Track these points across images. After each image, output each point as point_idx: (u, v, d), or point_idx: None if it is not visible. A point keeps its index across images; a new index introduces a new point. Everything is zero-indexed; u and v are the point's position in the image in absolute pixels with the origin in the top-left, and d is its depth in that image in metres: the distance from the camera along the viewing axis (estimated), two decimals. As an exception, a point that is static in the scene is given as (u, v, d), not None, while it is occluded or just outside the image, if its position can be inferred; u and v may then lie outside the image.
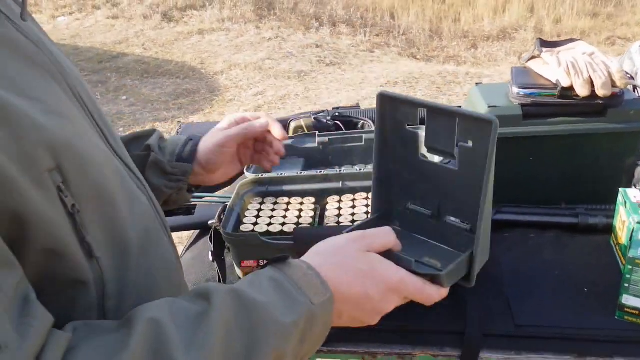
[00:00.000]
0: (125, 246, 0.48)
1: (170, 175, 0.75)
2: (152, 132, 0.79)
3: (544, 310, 0.79)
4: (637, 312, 0.75)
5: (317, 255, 0.53)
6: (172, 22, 5.13)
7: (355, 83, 4.06)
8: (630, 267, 0.73)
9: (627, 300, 0.75)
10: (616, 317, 0.76)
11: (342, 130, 1.19)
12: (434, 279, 0.57)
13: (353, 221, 0.84)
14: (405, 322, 0.79)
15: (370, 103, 3.60)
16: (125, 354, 0.39)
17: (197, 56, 4.47)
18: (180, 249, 1.12)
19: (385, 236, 0.56)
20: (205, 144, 0.78)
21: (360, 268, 0.52)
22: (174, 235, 0.71)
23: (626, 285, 0.74)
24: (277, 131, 0.78)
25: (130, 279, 0.48)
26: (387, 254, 0.55)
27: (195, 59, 4.41)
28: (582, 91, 0.91)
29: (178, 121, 3.66)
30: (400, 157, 0.68)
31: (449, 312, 0.79)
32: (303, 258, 0.53)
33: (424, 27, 5.26)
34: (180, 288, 0.60)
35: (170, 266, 0.57)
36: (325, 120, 1.23)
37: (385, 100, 0.65)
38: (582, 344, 0.75)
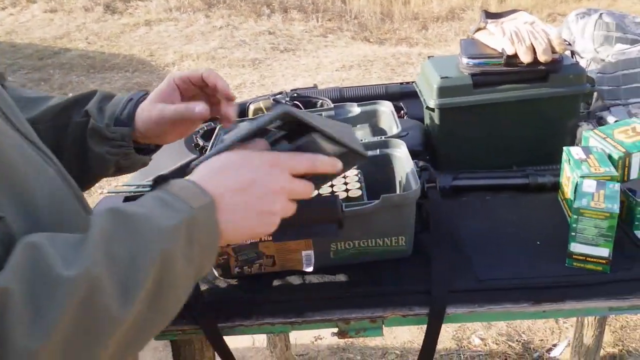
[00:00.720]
0: (32, 207, 0.49)
1: (111, 140, 0.72)
2: (93, 94, 0.75)
3: (501, 265, 0.84)
4: (584, 258, 0.81)
5: (194, 171, 0.55)
6: (116, 14, 4.98)
7: (311, 68, 4.07)
8: (576, 216, 0.79)
9: (575, 247, 0.81)
10: (566, 265, 0.83)
11: (302, 109, 1.21)
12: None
13: (319, 194, 0.87)
14: (375, 287, 0.83)
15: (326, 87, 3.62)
16: (4, 273, 0.40)
17: (145, 48, 4.36)
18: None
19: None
20: (143, 114, 0.73)
21: (236, 160, 0.54)
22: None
23: (573, 234, 0.80)
24: (224, 92, 0.73)
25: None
26: None
27: (144, 51, 4.31)
28: (525, 58, 0.97)
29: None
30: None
31: (415, 274, 0.84)
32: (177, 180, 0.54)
33: (375, 10, 5.32)
34: None
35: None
36: (284, 101, 1.25)
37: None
38: (536, 291, 0.81)
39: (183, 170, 1.23)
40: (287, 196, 0.56)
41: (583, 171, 0.85)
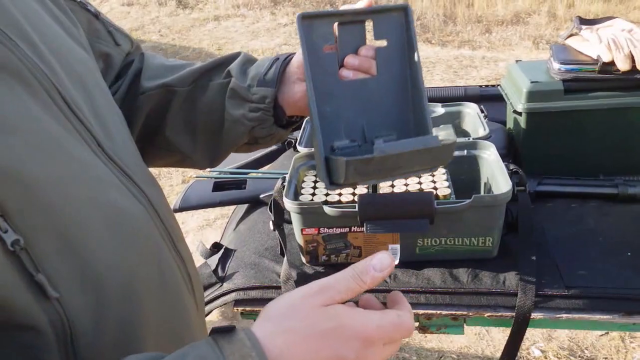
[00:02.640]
0: (99, 277, 0.41)
1: (251, 103, 0.65)
2: (237, 55, 0.69)
3: (590, 273, 0.84)
4: None
5: (268, 321, 0.40)
6: (187, 9, 5.16)
7: (372, 68, 4.08)
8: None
9: None
10: None
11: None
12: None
13: (406, 191, 0.89)
14: (458, 285, 0.84)
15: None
16: None
17: (214, 42, 4.51)
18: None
19: (348, 280, 0.42)
20: (289, 86, 0.66)
21: (323, 328, 0.39)
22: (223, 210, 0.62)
23: None
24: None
25: (113, 311, 0.41)
26: None
27: (213, 45, 4.45)
28: (623, 66, 0.95)
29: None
30: (321, 86, 0.58)
31: (501, 276, 0.84)
32: (253, 327, 0.40)
33: (438, 12, 5.25)
34: (184, 313, 0.51)
35: (171, 281, 0.49)
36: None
37: (304, 22, 0.57)
38: (629, 302, 0.79)
39: (265, 160, 1.28)
40: None
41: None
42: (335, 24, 0.58)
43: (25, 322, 0.37)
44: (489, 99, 1.32)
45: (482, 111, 1.28)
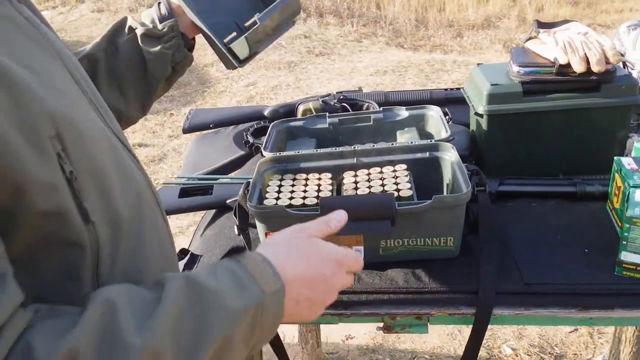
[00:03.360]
0: (116, 216, 0.50)
1: (163, 36, 0.84)
2: (125, 19, 0.87)
3: (549, 270, 0.86)
4: (634, 267, 0.82)
5: (270, 246, 0.57)
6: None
7: (345, 72, 4.10)
8: (628, 225, 0.80)
9: (626, 257, 0.82)
10: (616, 273, 0.83)
11: (349, 111, 1.24)
12: None
13: (370, 193, 0.90)
14: (421, 285, 0.85)
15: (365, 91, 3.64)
16: (75, 330, 0.40)
17: (186, 48, 4.48)
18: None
19: (319, 224, 0.62)
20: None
21: (309, 251, 0.57)
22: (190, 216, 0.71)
23: (624, 242, 0.81)
24: None
25: (122, 247, 0.51)
26: None
27: (185, 51, 4.41)
28: (578, 68, 0.98)
29: (171, 113, 3.68)
30: (199, 8, 0.88)
31: (463, 274, 0.86)
32: (257, 250, 0.55)
33: (410, 17, 5.32)
34: (173, 261, 0.64)
35: (163, 239, 0.60)
36: (332, 103, 1.28)
37: None
38: (586, 297, 0.82)
39: (233, 165, 1.28)
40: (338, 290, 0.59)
41: (635, 181, 0.86)
42: None
43: (73, 238, 0.46)
44: (454, 101, 1.35)
45: (446, 114, 1.30)
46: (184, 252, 1.01)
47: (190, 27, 0.88)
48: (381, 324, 0.89)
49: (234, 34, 0.88)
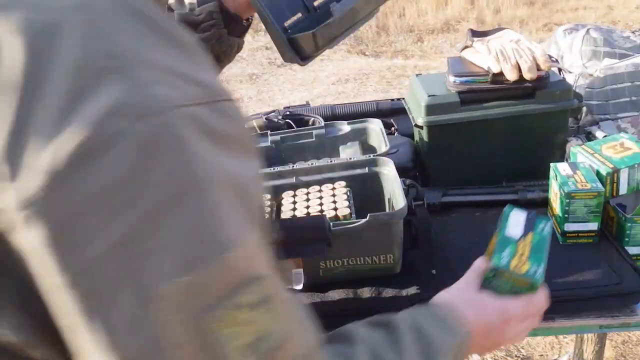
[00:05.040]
0: None
1: (201, 24, 0.68)
2: None
3: (490, 281, 0.85)
4: (576, 235, 0.89)
5: (450, 295, 0.63)
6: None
7: (307, 82, 4.10)
8: (567, 200, 0.85)
9: (568, 227, 0.89)
10: (560, 243, 0.90)
11: (294, 128, 1.22)
12: None
13: (307, 213, 0.88)
14: (365, 305, 0.83)
15: (323, 101, 3.65)
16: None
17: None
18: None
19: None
20: None
21: (500, 325, 0.59)
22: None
23: (566, 215, 0.88)
24: None
25: None
26: None
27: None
28: (511, 75, 0.98)
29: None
30: None
31: (404, 292, 0.84)
32: (442, 300, 0.62)
33: (371, 23, 5.35)
34: None
35: None
36: (276, 120, 1.26)
37: None
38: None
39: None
40: None
41: (570, 187, 0.86)
42: None
43: None
44: (401, 112, 1.34)
45: (392, 125, 1.30)
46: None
47: (243, 4, 0.71)
48: (326, 348, 0.86)
49: (298, 16, 0.67)
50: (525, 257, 0.60)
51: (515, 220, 0.65)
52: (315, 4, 0.68)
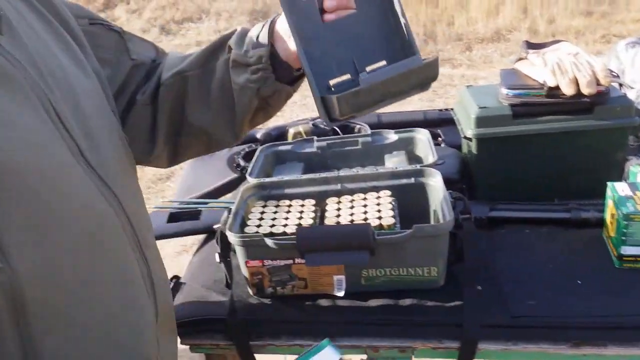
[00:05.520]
0: (50, 255, 0.46)
1: (250, 66, 0.69)
2: (231, 33, 0.74)
3: (538, 302, 0.82)
4: (634, 259, 0.84)
5: None
6: (170, 35, 5.19)
7: (353, 89, 4.10)
8: (625, 222, 0.82)
9: (625, 250, 0.84)
10: (616, 266, 0.86)
11: (340, 134, 1.23)
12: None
13: (352, 221, 0.87)
14: (406, 317, 0.82)
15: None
16: None
17: (195, 67, 4.53)
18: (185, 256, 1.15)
19: None
20: (282, 36, 0.69)
21: None
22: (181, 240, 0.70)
23: (623, 238, 0.83)
24: None
25: (59, 291, 0.47)
26: None
27: (194, 70, 4.47)
28: (568, 90, 0.95)
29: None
30: (307, 33, 0.64)
31: (447, 306, 0.83)
32: None
33: (418, 31, 5.30)
34: (138, 302, 0.57)
35: (129, 279, 0.56)
36: (322, 126, 1.27)
37: None
38: (576, 332, 0.78)
39: (225, 189, 1.27)
40: None
41: (628, 209, 0.82)
42: None
43: None
44: (449, 122, 1.32)
45: (438, 136, 1.28)
46: (175, 278, 1.00)
47: (294, 53, 0.68)
48: (364, 356, 0.86)
49: (346, 76, 0.65)
50: None
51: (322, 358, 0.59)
52: (368, 68, 0.65)
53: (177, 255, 2.48)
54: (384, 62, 0.65)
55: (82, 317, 0.49)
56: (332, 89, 0.65)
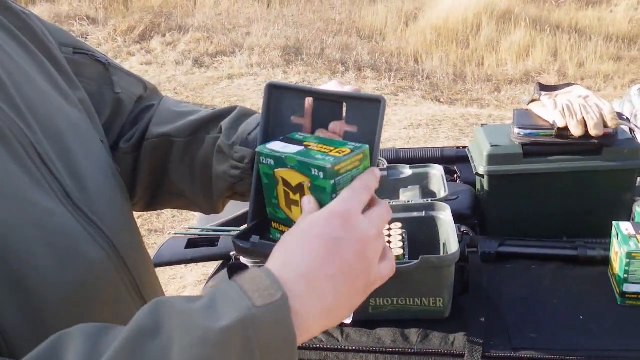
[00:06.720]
0: (36, 311, 0.45)
1: (232, 160, 0.67)
2: (234, 109, 0.71)
3: (540, 335, 0.84)
4: (637, 296, 0.86)
5: (280, 247, 0.46)
6: (203, 68, 5.41)
7: (379, 125, 4.17)
8: (627, 260, 0.84)
9: (628, 288, 0.86)
10: (619, 303, 0.87)
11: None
12: None
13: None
14: (409, 346, 0.85)
15: (393, 144, 3.69)
16: None
17: (226, 100, 4.69)
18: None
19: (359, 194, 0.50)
20: None
21: (328, 235, 0.45)
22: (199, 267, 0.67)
23: (625, 276, 0.85)
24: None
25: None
26: None
27: (224, 102, 4.62)
28: (576, 131, 0.98)
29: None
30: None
31: (451, 336, 0.85)
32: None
33: (448, 71, 5.39)
34: None
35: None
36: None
37: (272, 91, 0.59)
38: (576, 366, 0.79)
39: (245, 218, 1.33)
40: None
41: (631, 247, 0.84)
42: (310, 99, 0.59)
43: None
44: (466, 160, 1.36)
45: (454, 172, 1.32)
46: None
47: None
48: (370, 383, 0.88)
49: None
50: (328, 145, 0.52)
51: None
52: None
53: (198, 284, 2.54)
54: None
55: None
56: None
